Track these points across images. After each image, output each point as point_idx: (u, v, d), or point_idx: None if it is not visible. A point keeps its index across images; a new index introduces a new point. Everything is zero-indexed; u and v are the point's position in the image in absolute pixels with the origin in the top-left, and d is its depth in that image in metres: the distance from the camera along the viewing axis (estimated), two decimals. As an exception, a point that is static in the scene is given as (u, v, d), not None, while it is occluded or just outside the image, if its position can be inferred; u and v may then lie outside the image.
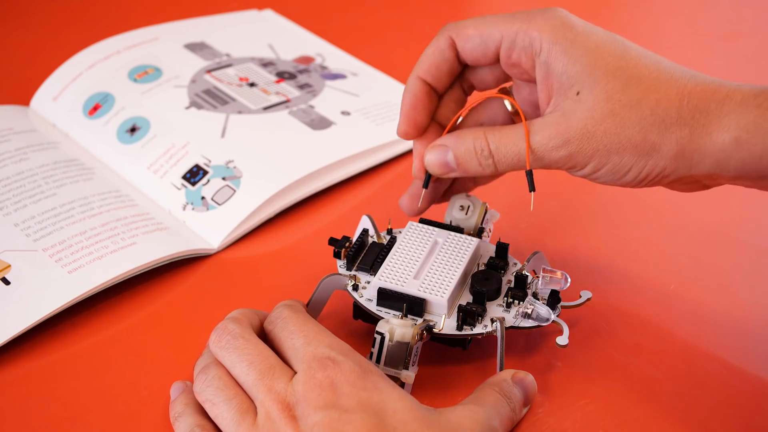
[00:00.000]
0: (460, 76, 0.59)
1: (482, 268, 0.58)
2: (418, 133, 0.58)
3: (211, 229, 0.67)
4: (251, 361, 0.51)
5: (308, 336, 0.51)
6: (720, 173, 0.51)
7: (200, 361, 0.54)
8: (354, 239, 0.59)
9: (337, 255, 0.58)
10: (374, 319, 0.55)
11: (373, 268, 0.57)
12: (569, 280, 0.56)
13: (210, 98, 0.77)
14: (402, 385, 0.52)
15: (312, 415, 0.47)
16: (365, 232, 0.59)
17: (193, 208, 0.69)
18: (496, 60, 0.56)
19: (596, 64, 0.51)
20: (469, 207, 0.60)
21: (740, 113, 0.49)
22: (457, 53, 0.56)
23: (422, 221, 0.60)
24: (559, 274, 0.56)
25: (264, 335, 0.54)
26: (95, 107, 0.77)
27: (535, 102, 0.57)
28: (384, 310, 0.55)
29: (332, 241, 0.59)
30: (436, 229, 0.59)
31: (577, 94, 0.52)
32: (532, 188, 0.55)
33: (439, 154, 0.56)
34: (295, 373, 0.50)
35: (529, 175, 0.54)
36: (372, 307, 0.56)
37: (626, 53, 0.52)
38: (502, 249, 0.58)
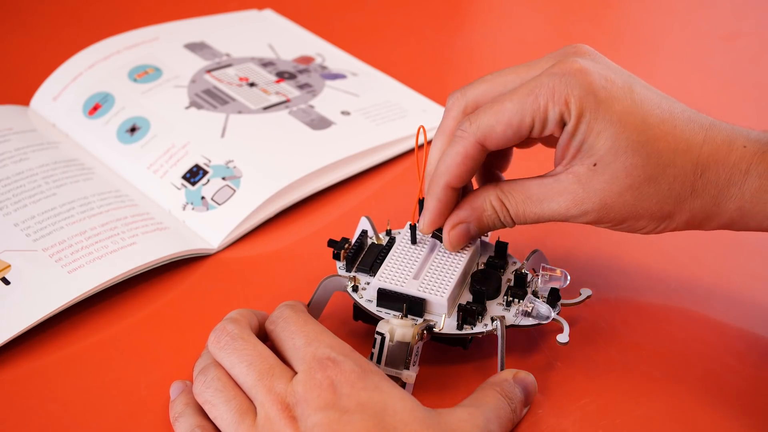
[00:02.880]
0: None
1: (482, 267, 0.58)
2: None
3: (211, 229, 0.67)
4: (250, 362, 0.51)
5: (309, 336, 0.51)
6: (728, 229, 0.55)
7: (199, 362, 0.54)
8: (353, 240, 0.59)
9: (336, 256, 0.58)
10: (374, 320, 0.55)
11: (372, 269, 0.57)
12: (569, 278, 0.56)
13: (210, 98, 0.77)
14: (403, 385, 0.52)
15: (312, 416, 0.47)
16: (364, 233, 0.59)
17: (193, 208, 0.69)
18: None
19: (617, 139, 0.51)
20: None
21: (745, 184, 0.53)
22: (486, 151, 0.55)
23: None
24: (558, 272, 0.56)
25: (263, 336, 0.54)
26: (95, 107, 0.77)
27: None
28: (384, 310, 0.55)
29: (331, 243, 0.59)
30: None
31: (594, 165, 0.52)
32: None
33: (462, 234, 0.56)
34: (296, 373, 0.50)
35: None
36: (372, 307, 0.56)
37: (646, 123, 0.52)
38: (501, 248, 0.59)
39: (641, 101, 0.52)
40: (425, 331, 0.53)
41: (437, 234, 0.57)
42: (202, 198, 0.69)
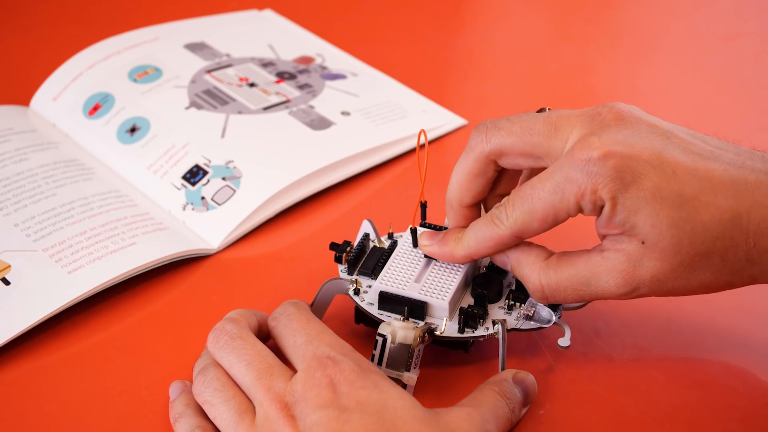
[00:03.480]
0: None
1: (483, 270, 0.58)
2: None
3: (211, 229, 0.67)
4: (249, 362, 0.51)
5: (310, 334, 0.51)
6: None
7: (199, 362, 0.54)
8: (355, 244, 0.59)
9: (338, 260, 0.58)
10: (376, 323, 0.54)
11: (374, 272, 0.57)
12: (570, 281, 0.56)
13: (210, 98, 0.77)
14: (404, 387, 0.52)
15: (311, 415, 0.47)
16: (366, 236, 0.59)
17: (193, 208, 0.69)
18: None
19: (657, 215, 0.49)
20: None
21: None
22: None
23: (423, 225, 0.60)
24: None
25: (262, 336, 0.55)
26: (95, 107, 0.77)
27: None
28: (385, 313, 0.55)
29: (333, 246, 0.59)
30: (437, 232, 0.59)
31: (642, 243, 0.50)
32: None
33: (503, 258, 0.55)
34: (295, 371, 0.50)
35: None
36: (374, 311, 0.56)
37: (682, 197, 0.49)
38: (502, 250, 0.58)
39: (673, 173, 0.50)
40: (427, 334, 0.53)
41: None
42: (202, 198, 0.69)
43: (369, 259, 0.58)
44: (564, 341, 0.54)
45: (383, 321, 0.54)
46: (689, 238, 0.49)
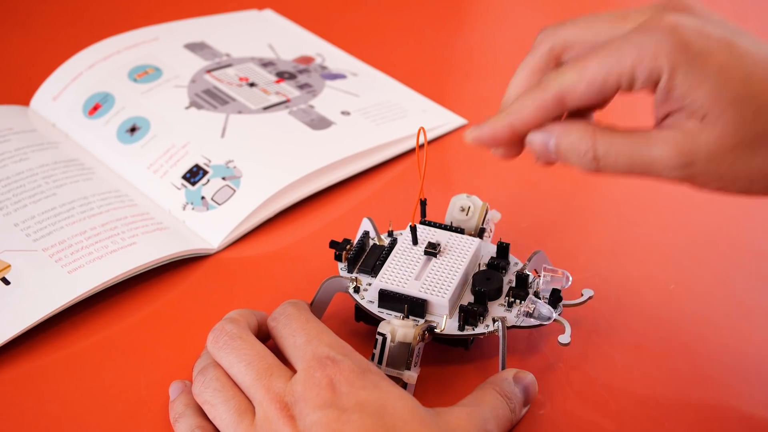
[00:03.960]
0: None
1: (483, 268, 0.58)
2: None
3: (211, 229, 0.67)
4: (249, 362, 0.51)
5: (310, 334, 0.51)
6: None
7: (198, 362, 0.54)
8: (355, 242, 0.59)
9: (338, 258, 0.58)
10: (376, 322, 0.54)
11: (374, 270, 0.57)
12: (570, 278, 0.56)
13: (210, 98, 0.77)
14: (404, 385, 0.52)
15: (310, 415, 0.47)
16: (366, 234, 0.59)
17: (193, 208, 0.69)
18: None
19: (721, 91, 0.47)
20: (469, 208, 0.60)
21: None
22: (565, 107, 0.50)
23: (423, 222, 0.60)
24: (560, 272, 0.56)
25: (261, 336, 0.55)
26: (95, 107, 0.77)
27: None
28: (385, 311, 0.55)
29: (333, 244, 0.59)
30: (437, 230, 0.59)
31: (703, 118, 0.47)
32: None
33: (545, 137, 0.51)
34: (295, 372, 0.50)
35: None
36: (373, 309, 0.56)
37: (750, 77, 0.47)
38: (503, 249, 0.58)
39: (743, 56, 0.47)
40: (426, 332, 0.53)
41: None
42: (202, 198, 0.69)
43: (369, 257, 0.58)
44: (564, 338, 0.54)
45: (383, 319, 0.54)
46: (753, 116, 0.47)
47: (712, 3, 1.03)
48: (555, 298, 0.56)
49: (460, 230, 0.59)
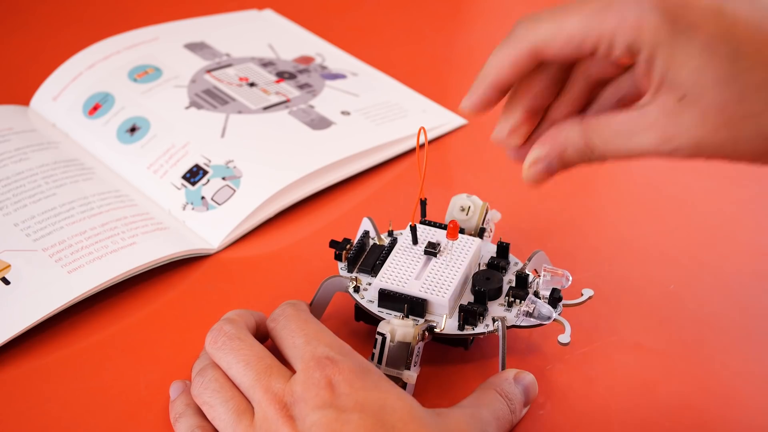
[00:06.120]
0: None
1: (483, 268, 0.58)
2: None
3: (210, 229, 0.67)
4: (248, 362, 0.50)
5: (309, 335, 0.51)
6: None
7: (197, 363, 0.54)
8: (355, 241, 0.59)
9: (338, 257, 0.58)
10: (376, 321, 0.54)
11: (374, 269, 0.57)
12: (570, 278, 0.56)
13: (210, 98, 0.77)
14: (404, 385, 0.52)
15: (310, 415, 0.47)
16: (366, 234, 0.59)
17: (193, 208, 0.69)
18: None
19: (703, 71, 0.44)
20: (469, 208, 0.60)
21: None
22: (538, 61, 0.49)
23: (423, 222, 0.60)
24: (560, 272, 0.56)
25: (260, 336, 0.54)
26: (95, 107, 0.77)
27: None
28: (385, 311, 0.55)
29: (333, 244, 0.59)
30: (437, 230, 0.59)
31: (681, 98, 0.45)
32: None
33: (544, 171, 0.50)
34: (294, 372, 0.50)
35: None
36: (373, 308, 0.56)
37: (738, 51, 0.44)
38: (503, 249, 0.58)
39: (733, 24, 0.45)
40: (426, 332, 0.53)
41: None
42: (202, 198, 0.69)
43: (369, 257, 0.58)
44: (564, 338, 0.54)
45: (383, 319, 0.54)
46: (737, 98, 0.45)
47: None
48: (555, 297, 0.56)
49: (460, 230, 0.59)
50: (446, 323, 0.54)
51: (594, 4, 0.46)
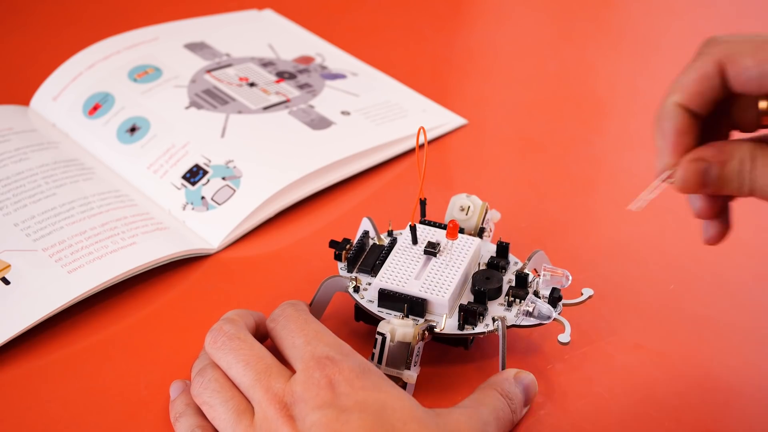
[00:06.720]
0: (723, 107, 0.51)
1: (483, 267, 0.58)
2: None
3: (210, 228, 0.67)
4: (248, 362, 0.50)
5: (309, 335, 0.51)
6: None
7: (197, 363, 0.54)
8: (354, 241, 0.59)
9: (338, 257, 0.58)
10: (376, 321, 0.54)
11: (374, 269, 0.57)
12: (570, 278, 0.56)
13: (210, 98, 0.77)
14: (404, 385, 0.52)
15: (310, 415, 0.47)
16: (366, 234, 0.59)
17: (193, 208, 0.69)
18: None
19: None
20: (469, 207, 0.60)
21: None
22: (724, 76, 0.48)
23: (423, 222, 0.60)
24: (560, 272, 0.56)
25: (259, 336, 0.54)
26: (95, 107, 0.77)
27: None
28: (385, 311, 0.55)
29: (333, 244, 0.59)
30: (436, 229, 0.59)
31: None
32: None
33: (700, 172, 0.49)
34: (294, 372, 0.50)
35: None
36: (373, 308, 0.56)
37: None
38: (502, 248, 0.58)
39: None
40: (426, 332, 0.53)
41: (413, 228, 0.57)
42: (202, 198, 0.69)
43: (369, 257, 0.58)
44: (564, 337, 0.54)
45: (383, 318, 0.54)
46: None
47: (712, 2, 1.03)
48: (555, 297, 0.56)
49: (460, 230, 0.59)
50: (446, 323, 0.54)
51: None
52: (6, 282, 0.60)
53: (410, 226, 0.58)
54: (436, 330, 0.54)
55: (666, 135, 0.49)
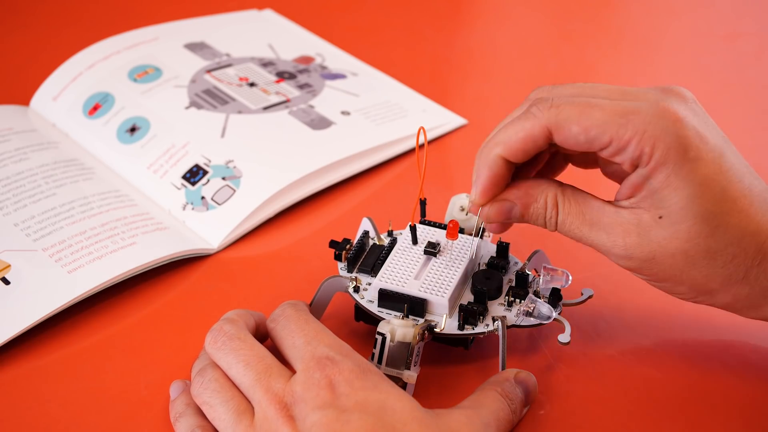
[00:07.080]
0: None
1: (483, 267, 0.58)
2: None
3: (210, 228, 0.67)
4: (248, 362, 0.50)
5: (309, 335, 0.51)
6: None
7: (197, 363, 0.54)
8: (354, 241, 0.59)
9: (338, 257, 0.58)
10: (376, 321, 0.54)
11: (374, 269, 0.57)
12: (570, 278, 0.56)
13: (210, 98, 0.77)
14: (404, 385, 0.52)
15: (310, 415, 0.47)
16: (366, 234, 0.59)
17: (192, 208, 0.69)
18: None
19: (693, 202, 0.49)
20: (469, 207, 0.60)
21: None
22: (550, 140, 0.51)
23: (423, 222, 0.60)
24: (560, 272, 0.56)
25: (259, 336, 0.54)
26: (95, 107, 0.77)
27: (617, 173, 0.54)
28: (385, 311, 0.55)
29: (333, 244, 0.59)
30: (436, 229, 0.59)
31: (660, 218, 0.49)
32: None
33: (505, 210, 0.54)
34: (294, 372, 0.50)
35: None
36: (373, 308, 0.56)
37: (725, 194, 0.49)
38: (502, 248, 0.58)
39: (728, 170, 0.49)
40: (426, 332, 0.53)
41: (413, 228, 0.57)
42: (202, 198, 0.69)
43: (369, 257, 0.58)
44: (564, 337, 0.54)
45: (383, 318, 0.54)
46: (708, 233, 0.49)
47: (712, 2, 1.03)
48: (555, 297, 0.56)
49: (459, 230, 0.59)
50: (446, 323, 0.54)
51: (618, 106, 0.49)
52: (6, 282, 0.60)
53: (410, 226, 0.58)
54: (436, 330, 0.54)
55: (481, 179, 0.53)
